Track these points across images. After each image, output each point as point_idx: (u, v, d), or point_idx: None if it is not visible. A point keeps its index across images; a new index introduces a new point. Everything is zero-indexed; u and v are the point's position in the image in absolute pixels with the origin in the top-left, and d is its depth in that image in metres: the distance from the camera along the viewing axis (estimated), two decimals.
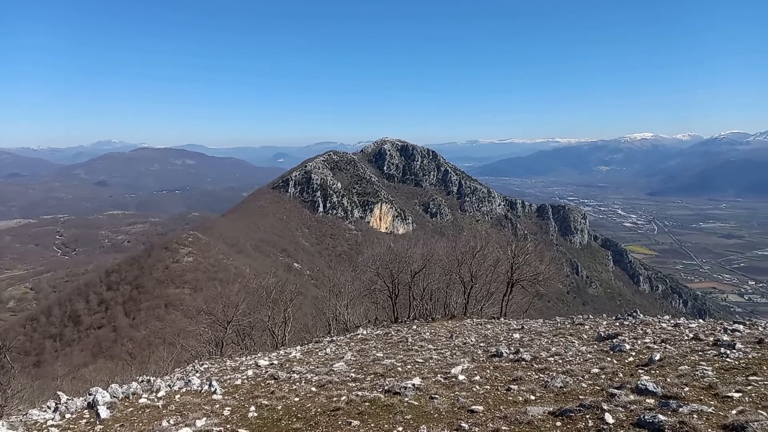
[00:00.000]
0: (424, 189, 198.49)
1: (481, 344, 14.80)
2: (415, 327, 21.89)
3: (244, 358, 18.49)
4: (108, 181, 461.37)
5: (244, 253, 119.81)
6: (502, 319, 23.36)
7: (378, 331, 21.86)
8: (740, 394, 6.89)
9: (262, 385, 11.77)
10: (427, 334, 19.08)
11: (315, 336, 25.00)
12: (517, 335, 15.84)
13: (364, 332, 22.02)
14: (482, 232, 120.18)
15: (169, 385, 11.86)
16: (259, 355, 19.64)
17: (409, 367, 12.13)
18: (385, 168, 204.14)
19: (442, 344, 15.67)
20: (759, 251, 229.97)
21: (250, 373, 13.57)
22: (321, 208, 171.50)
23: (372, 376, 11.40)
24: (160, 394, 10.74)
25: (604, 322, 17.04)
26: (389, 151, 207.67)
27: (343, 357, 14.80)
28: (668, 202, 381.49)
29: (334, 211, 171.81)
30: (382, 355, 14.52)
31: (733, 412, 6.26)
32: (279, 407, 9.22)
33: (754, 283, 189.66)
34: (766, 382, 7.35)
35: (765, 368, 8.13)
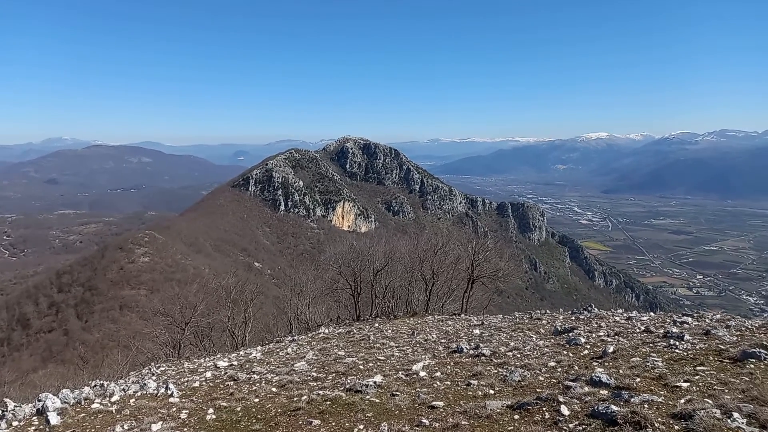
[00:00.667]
0: (387, 187, 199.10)
1: (442, 341, 14.95)
2: (377, 325, 21.91)
3: (202, 360, 18.12)
4: (59, 179, 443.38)
5: (203, 252, 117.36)
6: (463, 315, 23.64)
7: (340, 330, 21.79)
8: (688, 384, 7.17)
9: (221, 386, 11.58)
10: (389, 331, 19.12)
11: (276, 336, 24.71)
12: (477, 331, 16.06)
13: (326, 331, 21.91)
14: (444, 230, 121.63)
15: (123, 390, 11.52)
16: (218, 356, 19.29)
17: (370, 364, 12.14)
18: (347, 166, 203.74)
19: (404, 341, 15.75)
20: (706, 246, 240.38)
21: (208, 374, 13.32)
22: (282, 207, 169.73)
23: (333, 374, 11.36)
24: (113, 399, 10.42)
25: (561, 317, 17.46)
26: (352, 149, 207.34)
27: (305, 356, 14.70)
28: (622, 200, 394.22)
29: (296, 210, 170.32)
30: (343, 353, 14.49)
31: (682, 401, 6.51)
32: (238, 409, 9.08)
33: (701, 277, 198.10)
34: (712, 372, 7.67)
35: (712, 359, 8.47)
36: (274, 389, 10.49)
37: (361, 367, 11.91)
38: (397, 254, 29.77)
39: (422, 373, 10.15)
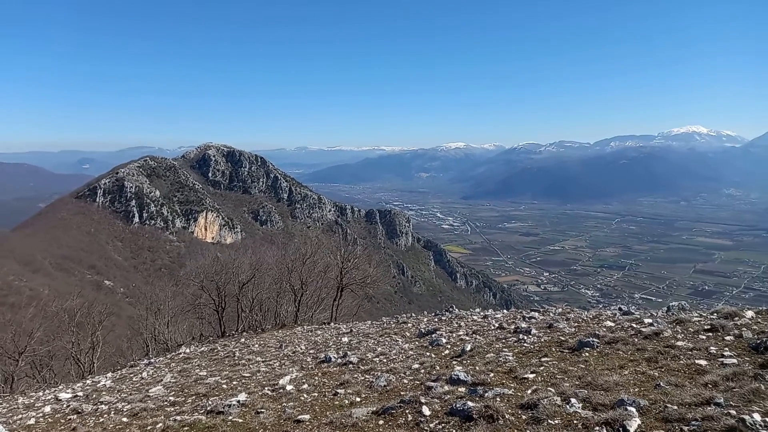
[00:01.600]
0: (253, 196, 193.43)
1: (311, 351, 14.77)
2: (243, 340, 21.10)
3: (41, 393, 16.04)
4: None
5: (42, 272, 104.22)
6: (332, 324, 23.63)
7: (203, 348, 20.63)
8: (534, 375, 7.78)
9: (62, 421, 10.32)
10: (256, 346, 18.51)
11: (130, 360, 22.69)
12: (345, 339, 16.10)
13: (187, 350, 20.61)
14: (313, 239, 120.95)
15: None
16: (60, 387, 17.23)
17: (235, 383, 11.60)
18: (210, 175, 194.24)
19: (272, 355, 15.31)
20: (551, 246, 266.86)
21: (47, 409, 11.83)
22: (137, 219, 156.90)
23: (193, 397, 10.66)
24: None
25: (425, 319, 18.14)
26: (214, 156, 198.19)
27: (162, 380, 13.64)
28: (479, 205, 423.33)
29: (153, 222, 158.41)
30: (206, 373, 13.70)
31: (529, 391, 7.03)
32: None
33: (548, 274, 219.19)
34: (554, 362, 8.40)
35: (554, 350, 9.28)
36: (125, 419, 9.57)
37: (225, 386, 11.32)
38: (264, 265, 29.03)
39: (289, 387, 9.90)
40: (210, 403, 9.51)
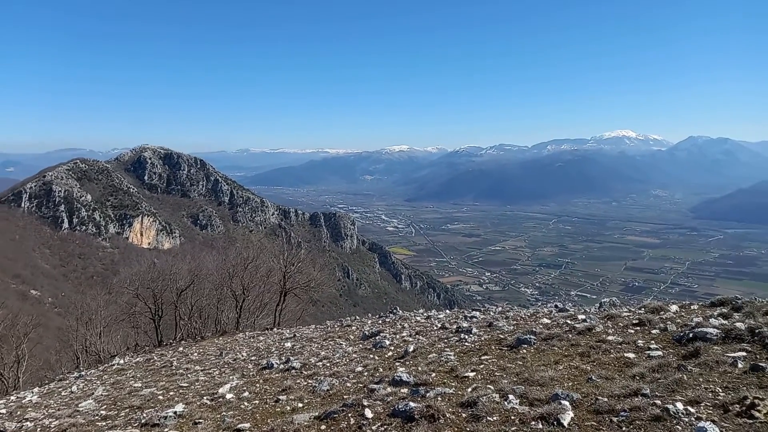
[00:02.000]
0: (193, 200, 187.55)
1: (253, 358, 14.47)
2: (181, 349, 20.41)
3: None
4: None
5: None
6: (275, 329, 23.24)
7: (138, 359, 19.80)
8: (474, 373, 7.92)
9: None
10: (196, 354, 17.97)
11: (59, 373, 21.46)
12: (289, 344, 15.87)
13: (122, 361, 19.72)
14: (256, 243, 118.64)
15: None
16: None
17: (172, 393, 11.18)
18: (146, 178, 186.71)
19: (211, 363, 14.89)
20: (492, 247, 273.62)
21: None
22: (66, 225, 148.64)
23: (127, 410, 10.19)
24: None
25: (369, 321, 18.17)
26: (150, 159, 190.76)
27: (93, 393, 12.97)
28: (422, 207, 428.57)
29: (84, 228, 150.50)
30: (141, 384, 13.15)
31: (469, 390, 7.15)
32: None
33: (489, 274, 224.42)
34: (494, 360, 8.59)
35: (494, 348, 9.49)
36: None
37: (161, 397, 10.89)
38: (204, 271, 28.30)
39: (229, 396, 9.64)
40: (145, 415, 9.12)
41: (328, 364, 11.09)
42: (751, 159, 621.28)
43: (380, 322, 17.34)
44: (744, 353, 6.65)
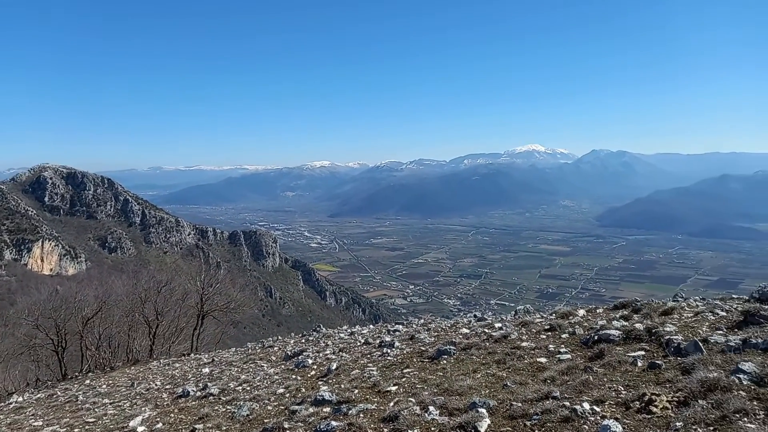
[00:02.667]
0: (100, 221, 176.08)
1: (167, 386, 13.71)
2: (88, 381, 19.01)
3: None
4: None
5: None
6: (192, 354, 22.23)
7: (39, 395, 18.20)
8: (396, 387, 7.97)
9: None
10: (104, 386, 16.80)
11: None
12: (206, 369, 15.22)
13: (20, 399, 18.04)
14: (170, 264, 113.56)
15: None
16: None
17: (77, 430, 10.36)
18: (46, 199, 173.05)
19: (122, 395, 13.96)
20: (415, 260, 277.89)
21: None
22: None
23: None
24: None
25: (292, 341, 17.82)
26: (51, 179, 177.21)
27: None
28: (346, 223, 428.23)
29: None
30: (41, 423, 12.08)
31: (391, 404, 7.17)
32: None
33: (413, 286, 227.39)
34: (415, 372, 8.68)
35: (415, 360, 9.60)
36: None
37: None
38: (113, 296, 26.59)
39: (140, 429, 9.08)
40: None
41: (249, 388, 10.74)
42: (646, 170, 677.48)
43: (303, 341, 17.07)
44: (643, 352, 7.15)
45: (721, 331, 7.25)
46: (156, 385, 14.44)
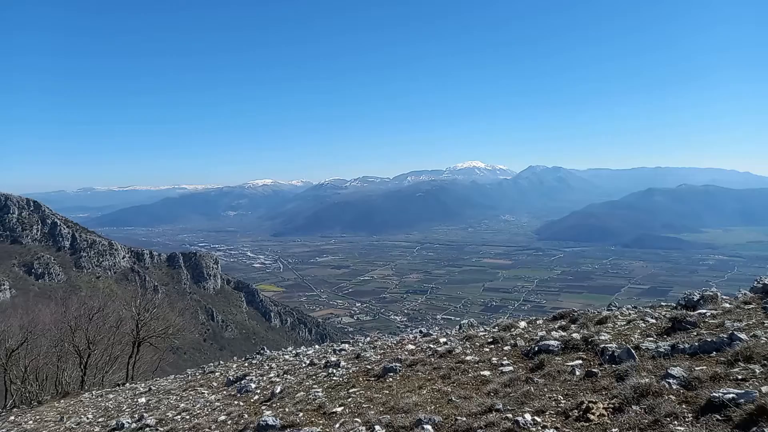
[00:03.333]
0: (26, 246, 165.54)
1: (100, 419, 12.97)
2: (13, 418, 17.68)
3: None
4: None
5: None
6: (128, 384, 21.13)
7: None
8: (342, 408, 7.85)
9: None
10: (31, 422, 15.69)
11: None
12: (143, 399, 14.50)
13: None
14: (104, 290, 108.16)
15: None
16: None
17: None
18: None
19: (50, 431, 13.07)
20: (361, 277, 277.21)
21: None
22: None
23: None
24: None
25: (234, 365, 17.30)
26: None
27: None
28: (290, 242, 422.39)
29: None
30: None
31: (337, 425, 7.06)
32: None
33: (360, 304, 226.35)
34: (361, 392, 8.59)
35: (362, 379, 9.51)
36: None
37: None
38: (40, 326, 25.01)
39: None
40: None
41: (188, 417, 10.31)
42: (580, 185, 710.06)
43: (246, 364, 16.62)
44: (580, 361, 7.39)
45: (651, 338, 7.60)
46: (87, 418, 13.62)
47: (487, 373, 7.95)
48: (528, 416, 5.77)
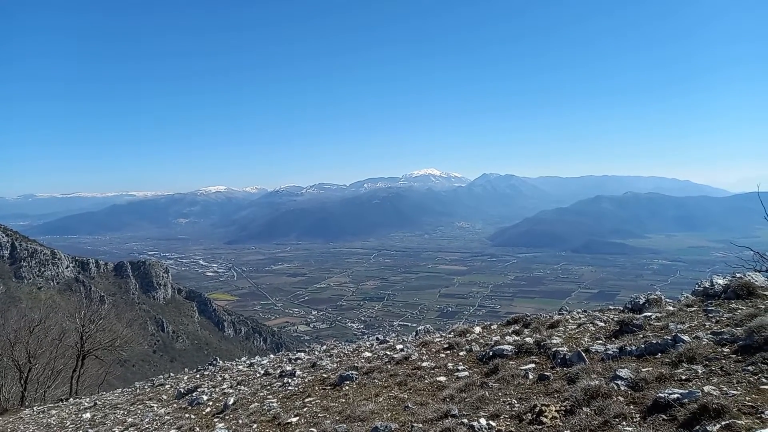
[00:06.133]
0: None
1: None
2: None
3: None
4: None
5: None
6: (72, 399, 20.15)
7: None
8: (297, 418, 7.73)
9: None
10: None
11: None
12: (88, 415, 13.86)
13: None
14: (46, 301, 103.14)
15: None
16: None
17: None
18: None
19: None
20: (317, 285, 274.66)
21: None
22: None
23: None
24: None
25: (185, 377, 16.79)
26: None
27: None
28: (244, 249, 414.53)
29: None
30: None
31: None
32: None
33: (316, 312, 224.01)
34: (317, 401, 8.49)
35: (317, 388, 9.38)
36: None
37: None
38: None
39: None
40: None
41: None
42: (532, 192, 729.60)
43: (198, 376, 16.14)
44: (533, 365, 7.54)
45: (600, 341, 7.84)
46: None
47: (443, 378, 8.00)
48: (483, 421, 5.83)
